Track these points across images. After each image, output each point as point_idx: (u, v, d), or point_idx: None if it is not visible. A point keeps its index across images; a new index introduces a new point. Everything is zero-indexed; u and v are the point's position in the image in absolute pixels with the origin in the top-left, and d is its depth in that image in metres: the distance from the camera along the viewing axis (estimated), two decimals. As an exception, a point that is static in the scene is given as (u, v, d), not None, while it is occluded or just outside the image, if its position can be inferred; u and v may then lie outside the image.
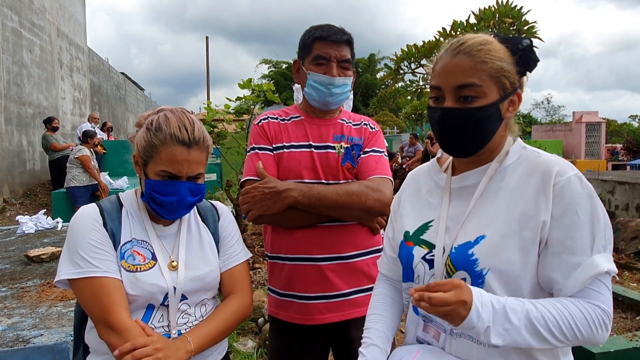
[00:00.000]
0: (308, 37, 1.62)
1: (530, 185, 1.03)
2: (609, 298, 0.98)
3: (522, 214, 1.01)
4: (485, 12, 7.25)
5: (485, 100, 1.03)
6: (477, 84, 1.02)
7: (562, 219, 0.98)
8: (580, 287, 0.96)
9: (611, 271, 0.98)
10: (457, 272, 1.04)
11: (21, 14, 9.87)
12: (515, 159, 1.09)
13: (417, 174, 1.31)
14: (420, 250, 1.14)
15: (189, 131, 1.24)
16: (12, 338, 1.58)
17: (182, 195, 1.24)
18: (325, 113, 1.67)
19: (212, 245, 1.40)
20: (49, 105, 11.36)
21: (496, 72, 1.03)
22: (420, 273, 1.14)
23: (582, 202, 0.98)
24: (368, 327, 1.23)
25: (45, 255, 2.64)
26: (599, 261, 0.96)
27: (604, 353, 2.47)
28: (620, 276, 4.73)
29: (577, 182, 0.99)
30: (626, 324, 3.61)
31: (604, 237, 0.98)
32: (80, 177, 7.00)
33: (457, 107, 1.04)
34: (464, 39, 1.07)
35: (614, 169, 16.41)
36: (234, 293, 1.40)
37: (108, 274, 1.19)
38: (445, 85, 1.06)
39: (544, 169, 1.03)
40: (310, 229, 1.56)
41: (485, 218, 1.05)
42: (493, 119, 1.05)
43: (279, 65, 32.46)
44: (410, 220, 1.22)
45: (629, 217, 6.75)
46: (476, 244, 1.03)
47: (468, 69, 1.03)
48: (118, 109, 19.64)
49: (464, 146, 1.09)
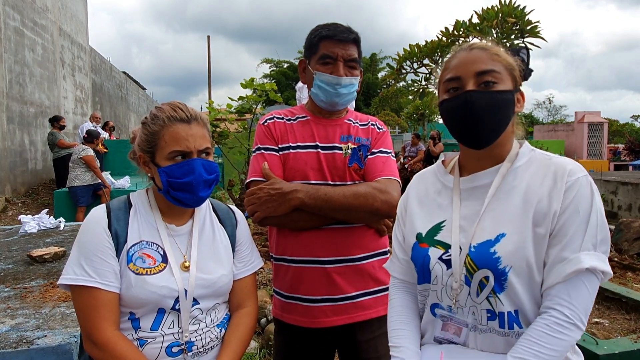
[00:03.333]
0: (314, 36, 1.59)
1: (543, 184, 1.07)
2: (584, 297, 1.00)
3: (537, 211, 1.05)
4: (488, 12, 7.24)
5: (504, 86, 1.10)
6: (497, 71, 1.10)
7: (563, 215, 1.03)
8: (560, 280, 1.00)
9: (596, 269, 1.00)
10: (479, 271, 1.07)
11: (23, 13, 9.87)
12: (525, 160, 1.14)
13: (422, 175, 1.33)
14: (436, 251, 1.15)
15: (183, 110, 1.28)
16: (16, 339, 1.57)
17: (198, 172, 1.24)
18: (332, 113, 1.66)
19: (229, 248, 1.39)
20: (51, 104, 11.37)
21: (508, 64, 1.12)
22: (438, 274, 1.15)
23: (584, 202, 1.03)
24: (398, 345, 1.21)
25: (48, 255, 2.63)
26: (584, 258, 0.99)
27: (608, 355, 2.45)
28: (624, 277, 4.71)
29: (585, 183, 1.05)
30: (630, 326, 3.59)
31: (596, 236, 1.01)
32: (83, 176, 7.00)
33: (481, 90, 1.10)
34: (473, 42, 1.17)
35: (616, 169, 16.39)
36: (245, 306, 1.41)
37: (102, 285, 1.19)
38: (466, 73, 1.11)
39: (556, 169, 1.08)
40: (316, 230, 1.55)
41: (502, 216, 1.09)
42: (510, 105, 1.12)
43: (280, 64, 32.45)
44: (421, 222, 1.22)
45: (632, 217, 6.72)
46: (497, 242, 1.06)
47: (486, 58, 1.11)
48: (120, 108, 19.65)
49: (483, 132, 1.10)
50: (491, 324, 1.07)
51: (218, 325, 1.33)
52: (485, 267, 1.06)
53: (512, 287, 1.03)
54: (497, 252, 1.05)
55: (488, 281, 1.05)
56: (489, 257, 1.06)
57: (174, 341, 1.23)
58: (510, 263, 1.03)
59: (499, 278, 1.04)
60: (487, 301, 1.07)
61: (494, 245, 1.06)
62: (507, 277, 1.03)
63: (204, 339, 1.28)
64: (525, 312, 1.05)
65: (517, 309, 1.05)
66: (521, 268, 1.03)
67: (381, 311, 1.59)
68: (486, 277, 1.06)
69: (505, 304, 1.04)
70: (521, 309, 1.05)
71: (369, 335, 1.59)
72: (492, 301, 1.06)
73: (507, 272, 1.03)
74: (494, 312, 1.06)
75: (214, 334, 1.31)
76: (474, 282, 1.08)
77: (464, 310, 1.11)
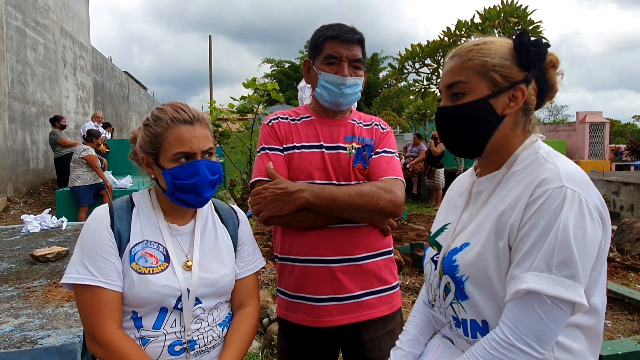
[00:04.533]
0: (319, 37, 1.60)
1: (514, 195, 1.00)
2: (531, 320, 0.90)
3: (500, 223, 0.99)
4: (490, 12, 7.21)
5: (473, 96, 1.04)
6: (463, 81, 1.04)
7: (522, 229, 0.94)
8: (509, 298, 0.93)
9: (541, 292, 0.88)
10: (444, 276, 1.10)
11: (25, 12, 9.88)
12: (523, 165, 1.04)
13: (462, 174, 1.33)
14: (431, 251, 1.20)
15: (186, 111, 1.27)
16: (20, 339, 1.57)
17: (203, 173, 1.25)
18: (336, 113, 1.66)
19: (230, 248, 1.40)
20: (53, 104, 11.38)
21: (482, 67, 1.03)
22: (427, 272, 1.20)
23: (549, 216, 0.91)
24: (404, 329, 1.30)
25: (51, 255, 2.63)
26: (528, 278, 0.89)
27: (611, 356, 2.45)
28: (626, 278, 4.70)
29: (555, 196, 0.91)
30: (633, 326, 3.59)
31: (552, 257, 0.89)
32: (84, 176, 7.00)
33: (448, 106, 1.09)
34: (463, 44, 1.11)
35: (618, 169, 16.37)
36: (248, 305, 1.41)
37: (105, 284, 1.19)
38: (442, 87, 1.11)
39: (533, 178, 0.98)
40: (320, 230, 1.55)
41: (477, 226, 1.07)
42: (484, 115, 1.04)
43: (282, 64, 32.44)
44: (437, 222, 1.26)
45: (634, 218, 6.71)
46: (460, 251, 1.07)
47: (456, 68, 1.06)
48: (121, 108, 19.66)
49: (461, 146, 1.12)
50: (457, 330, 1.09)
51: (220, 325, 1.34)
52: (447, 274, 1.08)
53: (472, 296, 1.02)
54: (456, 261, 1.06)
55: (450, 287, 1.07)
56: (450, 264, 1.07)
57: (176, 340, 1.24)
58: (467, 273, 1.02)
59: (458, 286, 1.05)
60: (451, 307, 1.08)
61: (457, 254, 1.07)
62: (464, 286, 1.03)
63: (205, 337, 1.28)
64: (492, 324, 1.00)
65: (484, 319, 1.01)
66: (479, 279, 1.00)
67: (385, 311, 1.60)
68: (449, 283, 1.07)
69: (467, 312, 1.04)
70: (489, 320, 1.00)
71: (374, 335, 1.59)
72: (456, 307, 1.07)
73: (463, 282, 1.03)
74: (457, 318, 1.07)
75: (216, 333, 1.32)
76: (441, 287, 1.11)
77: (440, 310, 1.14)
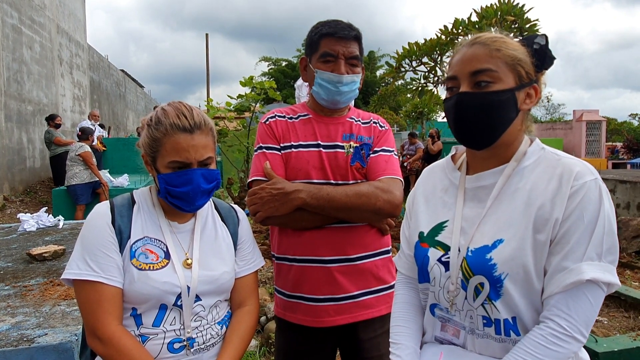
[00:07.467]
0: (315, 34, 1.58)
1: (548, 188, 1.01)
2: (584, 309, 0.95)
3: (538, 216, 1.00)
4: (487, 10, 7.21)
5: (501, 86, 1.04)
6: (493, 69, 1.03)
7: (567, 221, 0.97)
8: (560, 290, 0.95)
9: (598, 281, 0.94)
10: (474, 277, 1.04)
11: (21, 10, 9.83)
12: (534, 159, 1.07)
13: (431, 170, 1.29)
14: (436, 252, 1.13)
15: (188, 117, 1.24)
16: (17, 337, 1.57)
17: (196, 183, 1.23)
18: (333, 111, 1.64)
19: (230, 246, 1.39)
20: (49, 102, 11.32)
21: (511, 59, 1.04)
22: (436, 275, 1.13)
23: (591, 208, 0.96)
24: (397, 342, 1.21)
25: (48, 254, 2.62)
26: (585, 268, 0.94)
27: (607, 352, 2.46)
28: (622, 275, 4.72)
29: (593, 188, 0.97)
30: (629, 323, 3.61)
31: (602, 245, 0.95)
32: (81, 174, 6.96)
33: (472, 91, 1.05)
34: (479, 34, 1.09)
35: (614, 167, 16.42)
36: (247, 304, 1.41)
37: (106, 280, 1.19)
38: (461, 73, 1.07)
39: (563, 171, 1.01)
40: (318, 230, 1.54)
41: (502, 221, 1.04)
42: (508, 106, 1.04)
43: (279, 62, 32.40)
44: (424, 220, 1.20)
45: (630, 215, 6.74)
46: (494, 248, 1.02)
47: (484, 56, 1.04)
48: (118, 106, 19.60)
49: (478, 134, 1.07)
50: (487, 329, 1.05)
51: (219, 323, 1.34)
52: (480, 274, 1.03)
53: (508, 294, 1.00)
54: (493, 259, 1.01)
55: (483, 287, 1.03)
56: (485, 263, 1.02)
57: (175, 337, 1.24)
58: (506, 270, 1.00)
59: (494, 285, 1.01)
60: (482, 307, 1.04)
61: (490, 252, 1.02)
62: (503, 284, 1.00)
63: (204, 335, 1.28)
64: (523, 319, 1.01)
65: (515, 315, 1.01)
66: (518, 275, 0.99)
67: (383, 310, 1.59)
68: (481, 284, 1.03)
69: (501, 311, 1.01)
70: (519, 316, 1.01)
71: (371, 334, 1.59)
72: (488, 308, 1.03)
73: (502, 280, 1.00)
74: (489, 318, 1.04)
75: (215, 330, 1.32)
76: (469, 288, 1.05)
77: (460, 314, 1.09)
